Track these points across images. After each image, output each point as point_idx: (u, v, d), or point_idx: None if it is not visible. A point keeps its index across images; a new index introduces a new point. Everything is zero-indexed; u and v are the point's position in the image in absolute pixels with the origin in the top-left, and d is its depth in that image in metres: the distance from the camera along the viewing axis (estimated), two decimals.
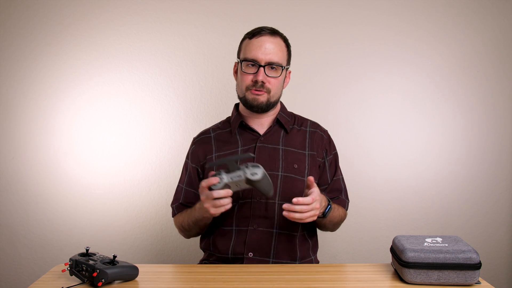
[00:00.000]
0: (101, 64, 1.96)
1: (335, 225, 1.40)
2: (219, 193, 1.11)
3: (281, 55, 1.32)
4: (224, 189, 1.11)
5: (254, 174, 1.09)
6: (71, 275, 1.06)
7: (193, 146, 1.44)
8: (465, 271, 1.03)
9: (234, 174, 1.10)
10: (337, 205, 1.37)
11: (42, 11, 1.94)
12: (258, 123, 1.39)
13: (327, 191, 1.41)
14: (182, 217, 1.38)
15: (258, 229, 1.30)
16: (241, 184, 1.11)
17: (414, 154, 2.00)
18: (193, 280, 1.10)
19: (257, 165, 1.11)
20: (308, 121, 1.45)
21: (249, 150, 1.35)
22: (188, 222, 1.34)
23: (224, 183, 1.11)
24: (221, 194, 1.11)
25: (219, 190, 1.11)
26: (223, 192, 1.11)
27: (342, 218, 1.41)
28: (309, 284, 1.06)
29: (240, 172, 1.10)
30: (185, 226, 1.37)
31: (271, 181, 1.15)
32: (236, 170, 1.10)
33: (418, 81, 1.99)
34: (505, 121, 2.00)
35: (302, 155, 1.36)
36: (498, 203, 2.02)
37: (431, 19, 1.97)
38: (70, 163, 1.97)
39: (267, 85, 1.31)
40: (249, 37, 1.33)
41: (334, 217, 1.34)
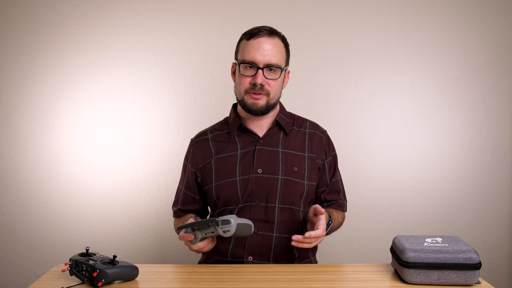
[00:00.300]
0: (101, 64, 1.96)
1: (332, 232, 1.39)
2: (198, 246, 1.16)
3: (279, 56, 1.29)
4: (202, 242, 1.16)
5: (226, 231, 1.11)
6: (71, 275, 1.07)
7: (191, 148, 1.42)
8: (465, 271, 1.03)
9: (208, 230, 1.13)
10: (336, 214, 1.36)
11: (42, 11, 1.94)
12: (257, 125, 1.36)
13: (326, 192, 1.41)
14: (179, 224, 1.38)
15: (258, 233, 1.29)
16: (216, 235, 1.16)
17: (414, 154, 2.00)
18: (193, 280, 1.10)
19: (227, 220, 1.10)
20: (308, 122, 1.43)
21: (248, 152, 1.33)
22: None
23: (200, 238, 1.15)
24: (200, 246, 1.16)
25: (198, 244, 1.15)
26: (201, 244, 1.16)
27: (341, 224, 1.41)
28: (309, 284, 1.06)
29: (212, 228, 1.12)
30: None
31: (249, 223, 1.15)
32: (208, 227, 1.12)
33: (418, 81, 1.99)
34: (505, 121, 2.00)
35: (301, 158, 1.35)
36: (498, 203, 2.02)
37: (431, 19, 1.97)
38: (70, 163, 1.97)
39: (266, 87, 1.27)
40: (247, 38, 1.29)
41: (333, 227, 1.34)
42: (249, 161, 1.32)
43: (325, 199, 1.41)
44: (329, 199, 1.41)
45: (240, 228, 1.12)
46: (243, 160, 1.32)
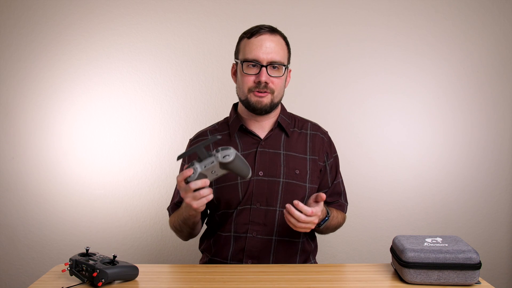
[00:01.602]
0: (101, 64, 1.96)
1: (331, 231, 1.39)
2: (196, 183, 1.06)
3: (282, 53, 1.27)
4: (200, 180, 1.07)
5: (225, 156, 1.05)
6: (71, 275, 1.06)
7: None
8: (465, 271, 1.03)
9: (207, 161, 1.07)
10: (336, 212, 1.35)
11: (42, 11, 1.94)
12: (259, 126, 1.34)
13: (328, 194, 1.39)
14: (173, 218, 1.36)
15: (257, 236, 1.28)
16: (217, 170, 1.08)
17: (414, 154, 2.00)
18: (193, 280, 1.10)
19: (227, 147, 1.08)
20: (309, 123, 1.41)
21: (249, 154, 1.31)
22: (179, 222, 1.31)
23: (199, 172, 1.07)
24: (198, 184, 1.06)
25: (196, 181, 1.07)
26: (200, 182, 1.06)
27: (340, 224, 1.40)
28: (309, 284, 1.06)
29: (212, 158, 1.06)
30: (177, 227, 1.35)
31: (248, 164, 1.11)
32: (207, 157, 1.07)
33: (418, 81, 1.99)
34: (505, 121, 2.00)
35: (303, 160, 1.33)
36: (498, 203, 2.02)
37: (431, 19, 1.97)
38: (70, 163, 1.97)
39: (270, 85, 1.26)
40: (248, 36, 1.27)
41: (331, 225, 1.32)
42: (250, 163, 1.29)
43: (326, 201, 1.39)
44: (330, 201, 1.40)
45: (238, 158, 1.08)
46: None
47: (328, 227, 1.31)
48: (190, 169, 1.07)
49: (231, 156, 1.06)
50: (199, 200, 1.09)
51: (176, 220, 1.33)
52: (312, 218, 1.12)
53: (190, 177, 1.07)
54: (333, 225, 1.34)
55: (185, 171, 1.07)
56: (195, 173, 1.07)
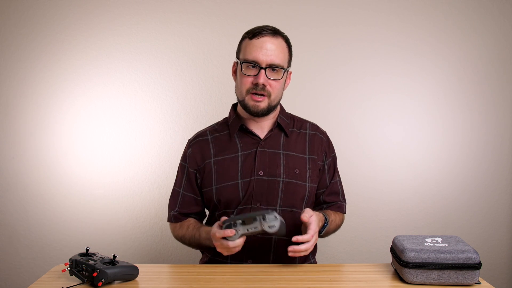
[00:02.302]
0: (101, 64, 1.96)
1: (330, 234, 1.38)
2: (235, 243, 1.10)
3: (282, 56, 1.27)
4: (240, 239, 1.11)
5: (272, 227, 1.07)
6: (71, 275, 1.06)
7: (190, 149, 1.38)
8: (465, 271, 1.03)
9: (251, 225, 1.09)
10: (334, 215, 1.35)
11: (42, 11, 1.94)
12: (258, 127, 1.34)
13: (325, 194, 1.39)
14: (183, 231, 1.35)
15: (257, 236, 1.28)
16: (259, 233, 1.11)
17: (414, 154, 2.00)
18: (193, 280, 1.10)
19: (274, 216, 1.08)
20: (307, 123, 1.42)
21: (249, 154, 1.31)
22: (190, 241, 1.33)
23: (240, 234, 1.10)
24: (237, 244, 1.11)
25: (236, 241, 1.10)
26: (239, 241, 1.11)
27: (339, 226, 1.40)
28: (309, 284, 1.06)
29: (257, 223, 1.08)
30: (185, 241, 1.36)
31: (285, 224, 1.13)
32: (253, 222, 1.09)
33: (418, 81, 1.99)
34: (505, 121, 2.00)
35: (303, 160, 1.34)
36: (498, 203, 2.02)
37: (431, 19, 1.97)
38: (70, 163, 1.97)
39: (268, 88, 1.25)
40: (250, 37, 1.27)
41: (330, 230, 1.32)
42: (250, 163, 1.30)
43: (324, 200, 1.40)
44: (328, 200, 1.40)
45: (282, 225, 1.10)
46: (244, 162, 1.31)
47: (328, 232, 1.32)
48: (233, 230, 1.09)
49: (276, 227, 1.07)
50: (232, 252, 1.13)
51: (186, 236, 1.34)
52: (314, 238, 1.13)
53: (231, 238, 1.10)
54: (332, 228, 1.34)
55: (227, 231, 1.09)
56: (236, 235, 1.10)
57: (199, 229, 1.30)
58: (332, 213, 1.35)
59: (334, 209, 1.40)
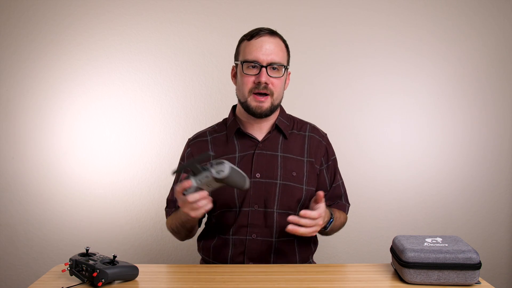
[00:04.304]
0: (101, 64, 1.96)
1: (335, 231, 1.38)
2: (193, 197, 1.07)
3: (282, 55, 1.28)
4: (198, 192, 1.07)
5: (220, 171, 1.04)
6: (71, 275, 1.06)
7: (189, 149, 1.38)
8: (465, 271, 1.03)
9: (201, 175, 1.06)
10: (338, 213, 1.35)
11: (42, 11, 1.94)
12: (257, 128, 1.34)
13: (327, 198, 1.39)
14: (171, 219, 1.36)
15: (258, 238, 1.28)
16: (212, 184, 1.07)
17: (414, 154, 2.00)
18: (193, 280, 1.10)
19: (221, 162, 1.05)
20: (307, 125, 1.41)
21: (247, 156, 1.31)
22: (176, 224, 1.32)
23: (195, 186, 1.07)
24: (196, 197, 1.07)
25: (194, 194, 1.07)
26: (197, 195, 1.07)
27: (343, 224, 1.40)
28: (309, 284, 1.06)
29: (206, 172, 1.06)
30: (174, 229, 1.35)
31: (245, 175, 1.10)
32: (202, 172, 1.06)
33: (418, 81, 1.99)
34: (505, 121, 2.00)
35: (300, 162, 1.34)
36: (498, 203, 2.02)
37: (431, 19, 1.98)
38: (70, 162, 1.97)
39: (270, 87, 1.26)
40: (248, 38, 1.29)
41: (335, 226, 1.33)
42: (247, 165, 1.30)
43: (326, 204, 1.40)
44: (330, 204, 1.40)
45: (234, 172, 1.06)
46: (241, 163, 1.30)
47: (333, 228, 1.32)
48: (189, 181, 1.07)
49: (225, 172, 1.04)
50: (197, 210, 1.10)
51: (174, 222, 1.33)
52: (318, 220, 1.13)
53: (187, 190, 1.08)
54: (337, 225, 1.35)
55: (184, 182, 1.07)
56: (192, 187, 1.07)
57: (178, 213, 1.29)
58: (337, 211, 1.36)
59: (337, 207, 1.40)
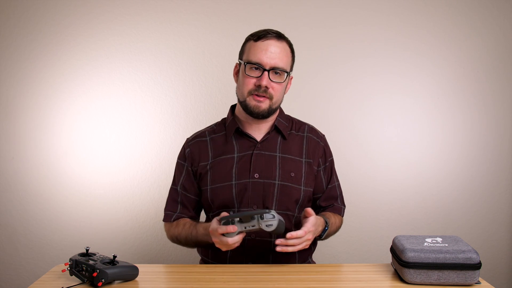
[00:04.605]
0: (101, 64, 1.96)
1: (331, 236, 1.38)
2: (234, 240, 1.11)
3: (286, 60, 1.27)
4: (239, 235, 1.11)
5: (269, 226, 1.08)
6: (71, 275, 1.06)
7: (188, 149, 1.38)
8: (465, 271, 1.03)
9: (249, 223, 1.10)
10: (333, 218, 1.34)
11: (42, 11, 1.94)
12: (256, 129, 1.34)
13: (322, 199, 1.39)
14: (179, 230, 1.34)
15: (256, 238, 1.28)
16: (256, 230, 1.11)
17: (414, 154, 2.00)
18: (193, 280, 1.10)
19: (271, 215, 1.09)
20: (306, 126, 1.41)
21: (245, 156, 1.31)
22: (187, 239, 1.31)
23: (238, 231, 1.11)
24: (236, 240, 1.11)
25: (235, 237, 1.11)
26: (237, 238, 1.11)
27: (338, 228, 1.40)
28: (309, 284, 1.06)
29: (255, 222, 1.09)
30: (180, 240, 1.34)
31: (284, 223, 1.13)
32: (250, 220, 1.09)
33: (418, 81, 1.99)
34: (505, 121, 2.00)
35: (299, 163, 1.34)
36: (498, 203, 2.02)
37: (431, 19, 1.98)
38: (70, 162, 1.97)
39: (270, 91, 1.25)
40: (254, 39, 1.27)
41: (330, 232, 1.33)
42: (246, 166, 1.30)
43: (321, 205, 1.40)
44: (325, 205, 1.40)
45: (280, 224, 1.10)
46: (240, 164, 1.30)
47: (328, 234, 1.32)
48: (235, 227, 1.10)
49: (273, 226, 1.08)
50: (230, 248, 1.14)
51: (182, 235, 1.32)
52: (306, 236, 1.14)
53: (229, 234, 1.11)
54: (332, 230, 1.35)
55: (229, 227, 1.09)
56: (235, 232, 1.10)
57: (196, 226, 1.29)
58: (332, 216, 1.35)
59: (331, 211, 1.39)
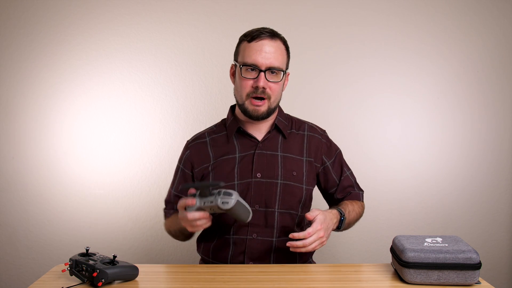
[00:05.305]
0: (101, 64, 1.96)
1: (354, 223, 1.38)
2: (193, 215, 1.09)
3: (281, 59, 1.27)
4: (199, 212, 1.09)
5: (224, 203, 1.06)
6: (71, 275, 1.06)
7: (188, 151, 1.38)
8: (465, 271, 1.03)
9: (207, 199, 1.08)
10: (351, 206, 1.34)
11: (42, 11, 1.94)
12: (256, 129, 1.34)
13: (338, 191, 1.39)
14: (169, 222, 1.36)
15: (258, 238, 1.28)
16: (215, 209, 1.10)
17: (414, 154, 2.00)
18: (193, 280, 1.10)
19: (230, 193, 1.07)
20: (306, 125, 1.41)
21: (247, 156, 1.31)
22: (175, 229, 1.33)
23: (197, 206, 1.10)
24: (195, 216, 1.09)
25: (194, 213, 1.09)
26: (197, 214, 1.09)
27: (360, 214, 1.39)
28: (309, 284, 1.06)
29: (212, 198, 1.08)
30: (172, 232, 1.36)
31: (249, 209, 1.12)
32: (209, 196, 1.08)
33: (418, 81, 1.99)
34: (505, 121, 2.00)
35: (300, 162, 1.34)
36: (498, 203, 2.02)
37: (431, 19, 1.97)
38: (70, 162, 1.97)
39: (267, 91, 1.25)
40: (248, 40, 1.26)
41: (351, 220, 1.32)
42: (248, 165, 1.30)
43: (338, 198, 1.40)
44: (342, 196, 1.40)
45: (239, 206, 1.08)
46: (242, 164, 1.30)
47: (349, 223, 1.32)
48: (193, 199, 1.09)
49: (229, 204, 1.06)
50: (195, 227, 1.13)
51: (172, 226, 1.34)
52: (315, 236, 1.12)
53: (189, 207, 1.10)
54: (353, 218, 1.34)
55: (188, 200, 1.10)
56: (194, 206, 1.09)
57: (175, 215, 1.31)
58: (349, 204, 1.34)
59: (349, 199, 1.39)
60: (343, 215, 1.27)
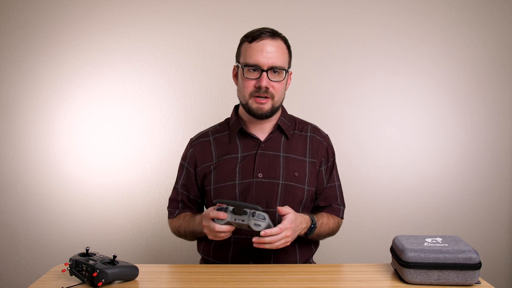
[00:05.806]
0: (101, 64, 1.96)
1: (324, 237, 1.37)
2: (221, 228, 1.13)
3: (283, 58, 1.27)
4: (227, 226, 1.13)
5: (257, 225, 1.10)
6: (71, 275, 1.07)
7: (191, 149, 1.39)
8: (465, 271, 1.03)
9: (239, 217, 1.11)
10: (327, 218, 1.33)
11: (42, 11, 1.94)
12: (259, 129, 1.34)
13: (320, 199, 1.38)
14: (179, 222, 1.36)
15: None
16: (244, 227, 1.13)
17: (414, 154, 2.00)
18: (193, 280, 1.10)
19: (263, 216, 1.11)
20: (309, 126, 1.41)
21: (249, 156, 1.32)
22: (185, 230, 1.33)
23: (227, 221, 1.13)
24: (223, 229, 1.13)
25: (222, 226, 1.13)
26: (225, 228, 1.13)
27: (333, 230, 1.38)
28: (309, 284, 1.06)
29: (245, 217, 1.11)
30: (181, 232, 1.36)
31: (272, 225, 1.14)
32: (242, 214, 1.11)
33: (418, 81, 1.99)
34: (505, 121, 2.00)
35: (303, 162, 1.34)
36: (498, 203, 2.02)
37: (431, 19, 1.98)
38: (70, 162, 1.97)
39: (271, 90, 1.26)
40: (249, 40, 1.27)
41: (322, 232, 1.31)
42: (249, 165, 1.30)
43: (319, 205, 1.39)
44: (323, 205, 1.39)
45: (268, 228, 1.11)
46: (243, 163, 1.31)
47: (319, 234, 1.31)
48: (225, 214, 1.12)
49: (261, 227, 1.10)
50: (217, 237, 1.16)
51: (182, 226, 1.35)
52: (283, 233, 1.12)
53: (218, 220, 1.13)
54: (324, 231, 1.33)
55: (220, 213, 1.12)
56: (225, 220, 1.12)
57: (194, 216, 1.32)
58: (325, 216, 1.34)
59: (328, 212, 1.38)
60: (314, 223, 1.26)
